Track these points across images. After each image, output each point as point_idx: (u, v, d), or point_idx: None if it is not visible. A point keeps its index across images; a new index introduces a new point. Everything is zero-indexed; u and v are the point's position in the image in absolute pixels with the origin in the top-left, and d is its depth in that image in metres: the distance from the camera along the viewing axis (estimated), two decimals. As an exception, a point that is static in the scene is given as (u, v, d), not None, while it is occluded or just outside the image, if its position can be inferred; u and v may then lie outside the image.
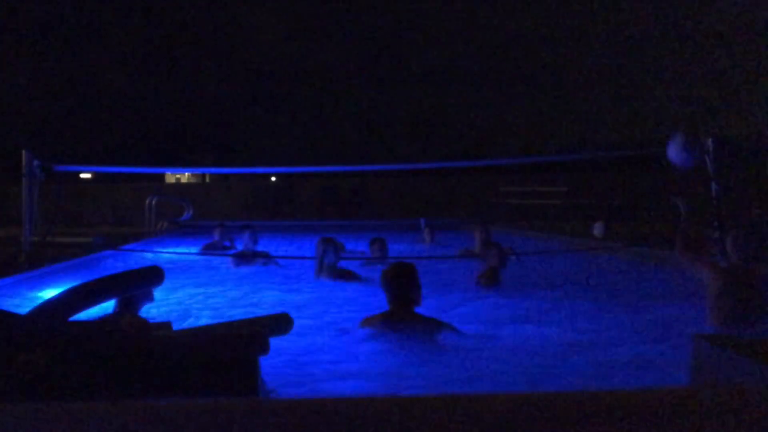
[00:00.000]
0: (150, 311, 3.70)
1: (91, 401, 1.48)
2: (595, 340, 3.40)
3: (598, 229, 9.51)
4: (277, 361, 2.63)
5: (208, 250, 8.01)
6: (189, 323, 3.92)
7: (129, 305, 3.39)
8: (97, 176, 29.39)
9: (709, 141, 6.78)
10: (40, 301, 3.18)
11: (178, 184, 33.60)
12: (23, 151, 6.81)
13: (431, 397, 1.50)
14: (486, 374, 2.81)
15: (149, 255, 7.63)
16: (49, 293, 3.84)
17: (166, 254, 7.65)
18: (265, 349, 2.21)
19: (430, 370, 2.85)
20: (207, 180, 39.16)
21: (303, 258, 6.92)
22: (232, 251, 7.78)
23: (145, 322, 2.89)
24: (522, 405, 1.35)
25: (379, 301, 3.66)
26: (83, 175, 29.10)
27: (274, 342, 2.31)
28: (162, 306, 4.26)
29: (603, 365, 2.94)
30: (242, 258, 7.22)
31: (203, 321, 4.08)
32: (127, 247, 8.46)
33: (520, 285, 5.38)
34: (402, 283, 3.37)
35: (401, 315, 3.33)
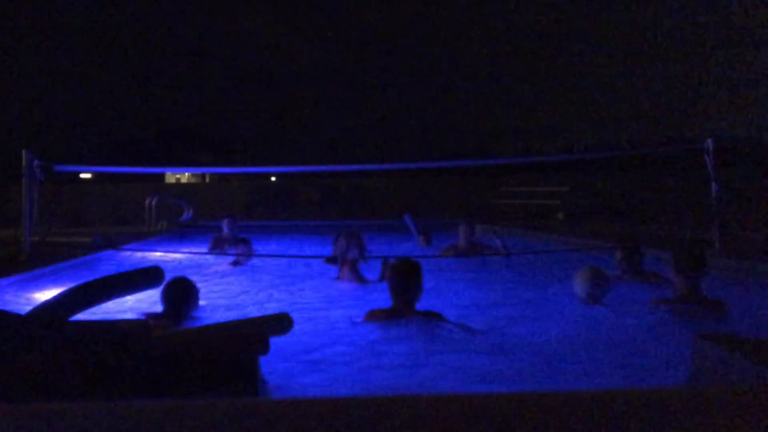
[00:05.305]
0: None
1: (91, 401, 1.48)
2: (594, 340, 3.39)
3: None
4: (277, 361, 2.63)
5: (218, 243, 8.02)
6: (190, 323, 3.91)
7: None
8: (97, 176, 29.34)
9: (709, 141, 6.78)
10: (40, 301, 3.18)
11: (178, 184, 33.54)
12: (23, 151, 6.80)
13: (431, 397, 1.50)
14: (485, 371, 2.81)
15: (149, 255, 7.64)
16: (49, 293, 3.84)
17: (165, 254, 7.65)
18: (265, 349, 2.21)
19: (431, 368, 2.86)
20: (207, 180, 39.17)
21: (304, 257, 6.93)
22: (233, 250, 7.78)
23: (145, 322, 2.89)
24: (522, 405, 1.35)
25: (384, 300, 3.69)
26: (83, 175, 29.06)
27: (275, 342, 2.31)
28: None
29: (603, 365, 2.94)
30: (222, 245, 7.68)
31: (204, 321, 4.07)
32: (127, 247, 8.45)
33: (518, 283, 5.39)
34: (406, 280, 3.40)
35: (403, 311, 3.37)
